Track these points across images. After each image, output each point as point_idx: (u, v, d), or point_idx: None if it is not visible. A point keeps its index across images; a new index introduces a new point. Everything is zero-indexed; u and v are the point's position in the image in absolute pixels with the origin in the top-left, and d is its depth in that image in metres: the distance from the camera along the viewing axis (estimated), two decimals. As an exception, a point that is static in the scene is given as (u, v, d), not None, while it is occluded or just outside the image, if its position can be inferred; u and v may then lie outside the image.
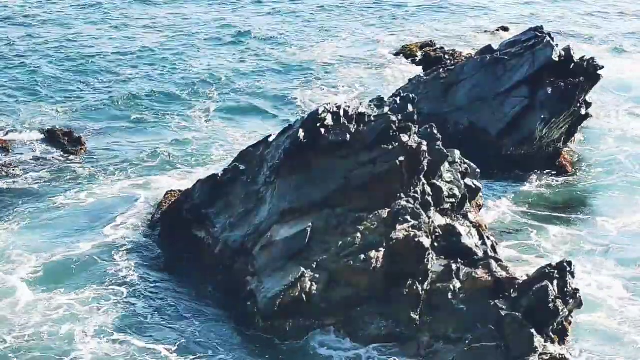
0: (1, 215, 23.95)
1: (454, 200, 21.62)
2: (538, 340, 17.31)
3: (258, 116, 32.56)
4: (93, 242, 22.65)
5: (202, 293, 20.44)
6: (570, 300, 18.35)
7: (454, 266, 18.98)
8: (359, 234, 19.31)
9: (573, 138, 31.44)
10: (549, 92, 29.71)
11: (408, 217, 19.39)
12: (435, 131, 22.12)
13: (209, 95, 34.13)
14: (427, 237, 19.24)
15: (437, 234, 19.92)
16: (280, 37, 43.21)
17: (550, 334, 17.98)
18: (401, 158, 20.09)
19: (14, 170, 26.42)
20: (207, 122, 31.46)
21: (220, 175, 22.00)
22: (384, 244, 19.01)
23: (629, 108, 34.94)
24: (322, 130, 20.32)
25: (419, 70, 36.86)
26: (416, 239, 18.87)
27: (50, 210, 24.31)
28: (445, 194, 21.45)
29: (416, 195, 20.09)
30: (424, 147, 20.48)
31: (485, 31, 44.97)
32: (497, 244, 21.31)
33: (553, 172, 29.08)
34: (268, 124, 31.31)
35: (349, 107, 20.91)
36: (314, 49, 41.40)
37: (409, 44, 41.73)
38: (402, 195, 20.00)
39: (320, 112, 20.55)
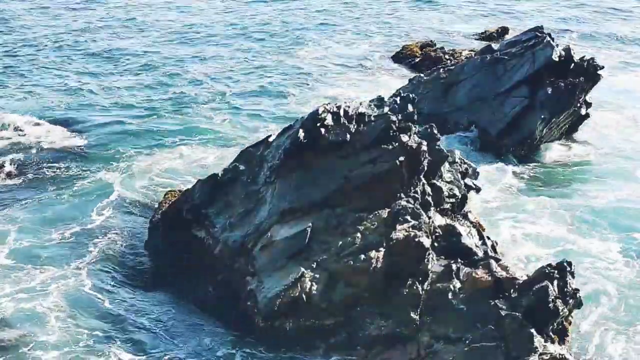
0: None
1: (454, 200, 21.63)
2: (538, 340, 17.30)
3: (257, 116, 32.59)
4: (82, 228, 22.97)
5: (200, 291, 20.47)
6: (570, 300, 18.36)
7: (454, 266, 18.97)
8: (359, 234, 19.30)
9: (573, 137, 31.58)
10: (549, 92, 29.77)
11: (408, 217, 19.37)
12: (436, 131, 22.13)
13: (206, 96, 34.17)
14: (427, 237, 19.22)
15: (437, 234, 19.91)
16: (280, 37, 43.23)
17: (550, 334, 17.97)
18: (401, 158, 20.08)
19: (12, 163, 26.57)
20: (205, 121, 31.49)
21: (220, 175, 22.00)
22: (384, 244, 19.00)
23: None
24: (322, 130, 20.32)
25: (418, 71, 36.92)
26: (416, 239, 18.85)
27: (42, 200, 24.54)
28: (445, 194, 21.44)
29: (416, 195, 20.08)
30: (424, 147, 20.48)
31: (485, 31, 45.00)
32: (496, 245, 21.33)
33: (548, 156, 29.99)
34: (267, 124, 31.33)
35: (349, 107, 20.91)
36: (314, 49, 41.43)
37: (409, 43, 41.77)
38: (402, 195, 19.99)
39: (320, 112, 20.55)
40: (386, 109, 21.16)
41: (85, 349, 18.27)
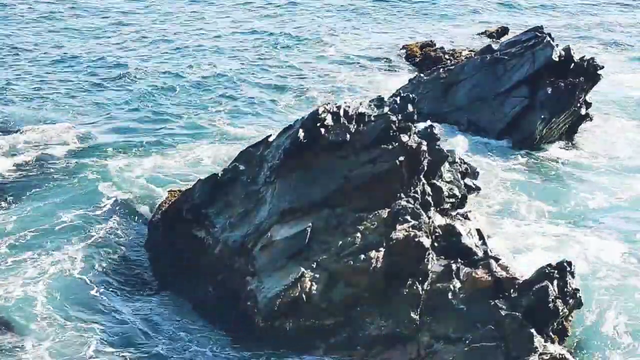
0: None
1: (454, 200, 21.63)
2: (538, 340, 17.31)
3: (257, 116, 32.58)
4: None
5: (200, 290, 20.47)
6: (570, 300, 18.38)
7: (454, 266, 18.98)
8: (359, 234, 19.30)
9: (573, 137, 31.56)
10: (549, 92, 29.77)
11: (408, 217, 19.38)
12: (436, 131, 22.13)
13: (207, 96, 34.16)
14: (427, 237, 19.23)
15: (437, 234, 19.92)
16: (281, 37, 43.23)
17: (550, 334, 17.98)
18: (401, 158, 20.08)
19: (16, 163, 26.69)
20: (206, 121, 31.48)
21: (220, 175, 22.00)
22: (384, 244, 19.00)
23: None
24: (322, 130, 20.32)
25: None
26: (416, 239, 18.86)
27: (43, 197, 24.70)
28: (445, 194, 21.45)
29: (416, 195, 20.09)
30: (424, 147, 20.47)
31: (485, 31, 45.00)
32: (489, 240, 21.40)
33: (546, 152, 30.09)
34: (268, 124, 31.31)
35: (349, 107, 20.91)
36: (314, 49, 41.44)
37: (409, 44, 41.77)
38: (402, 195, 19.99)
39: (320, 112, 20.54)
40: (386, 109, 21.17)
41: (74, 342, 18.40)
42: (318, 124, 20.36)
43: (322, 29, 45.14)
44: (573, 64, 30.52)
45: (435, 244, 19.68)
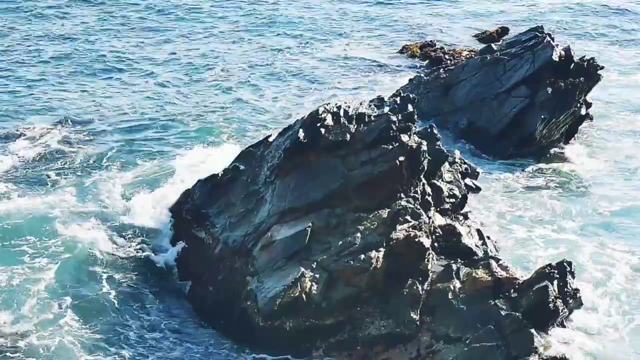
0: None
1: (454, 200, 21.63)
2: (538, 340, 17.32)
3: (257, 116, 32.58)
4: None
5: (200, 290, 20.48)
6: (570, 300, 18.38)
7: (454, 266, 19.00)
8: (359, 234, 19.29)
9: (573, 137, 31.56)
10: (549, 92, 29.76)
11: (408, 217, 19.39)
12: (436, 131, 22.14)
13: (209, 96, 34.17)
14: (427, 237, 19.24)
15: (437, 234, 19.93)
16: (280, 37, 43.24)
17: (550, 334, 17.98)
18: (401, 158, 20.08)
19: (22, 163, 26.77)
20: (207, 121, 31.49)
21: (220, 175, 22.01)
22: (384, 244, 19.01)
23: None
24: (322, 130, 20.32)
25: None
26: (416, 239, 18.87)
27: (49, 197, 24.62)
28: (445, 194, 21.45)
29: (416, 195, 20.09)
30: (424, 147, 20.47)
31: (485, 31, 44.98)
32: (496, 244, 21.34)
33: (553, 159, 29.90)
34: (268, 124, 31.32)
35: (349, 107, 20.91)
36: (314, 49, 41.44)
37: (409, 44, 41.78)
38: (402, 195, 20.00)
39: (320, 112, 20.55)
40: (386, 109, 21.16)
41: (70, 340, 18.38)
42: (318, 124, 20.36)
43: (322, 29, 45.13)
44: (573, 64, 30.54)
45: (435, 244, 19.69)
